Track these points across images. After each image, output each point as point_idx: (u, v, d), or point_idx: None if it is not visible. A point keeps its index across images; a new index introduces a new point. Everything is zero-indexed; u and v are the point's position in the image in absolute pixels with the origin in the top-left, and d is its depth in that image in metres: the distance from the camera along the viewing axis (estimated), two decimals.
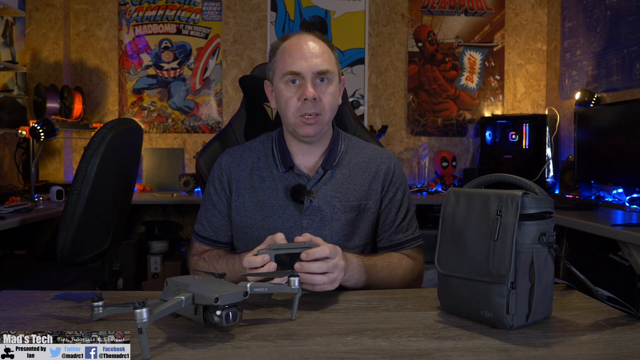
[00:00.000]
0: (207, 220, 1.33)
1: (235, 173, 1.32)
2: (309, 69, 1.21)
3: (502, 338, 0.84)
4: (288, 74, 1.22)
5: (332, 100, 1.24)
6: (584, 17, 3.34)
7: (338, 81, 1.28)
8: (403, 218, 1.33)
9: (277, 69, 1.25)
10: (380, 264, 1.22)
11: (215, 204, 1.32)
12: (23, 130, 2.78)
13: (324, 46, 1.25)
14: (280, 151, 1.30)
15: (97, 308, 0.88)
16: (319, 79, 1.22)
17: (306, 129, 1.23)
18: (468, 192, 0.95)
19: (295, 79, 1.22)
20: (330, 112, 1.25)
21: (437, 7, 3.83)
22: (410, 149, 3.86)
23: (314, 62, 1.21)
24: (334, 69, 1.25)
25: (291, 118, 1.23)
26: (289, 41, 1.25)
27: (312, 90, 1.20)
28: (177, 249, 3.66)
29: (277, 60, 1.25)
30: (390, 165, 1.34)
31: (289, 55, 1.22)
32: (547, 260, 0.90)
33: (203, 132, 3.75)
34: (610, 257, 2.22)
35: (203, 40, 3.74)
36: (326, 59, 1.23)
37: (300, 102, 1.21)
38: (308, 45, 1.22)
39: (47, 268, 2.28)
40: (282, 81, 1.23)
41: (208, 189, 1.35)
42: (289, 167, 1.29)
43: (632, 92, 2.85)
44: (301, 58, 1.21)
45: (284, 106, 1.24)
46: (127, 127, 1.91)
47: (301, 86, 1.22)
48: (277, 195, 1.28)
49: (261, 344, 0.81)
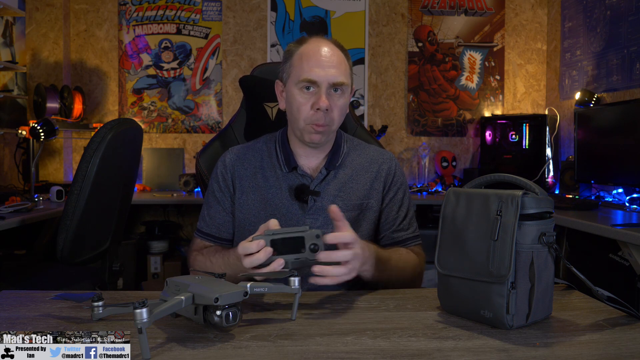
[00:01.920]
0: (210, 217, 1.33)
1: (239, 171, 1.33)
2: (326, 78, 1.21)
3: (502, 338, 0.84)
4: (304, 81, 1.22)
5: (342, 112, 1.26)
6: (584, 17, 3.34)
7: (350, 92, 1.29)
8: (404, 217, 1.35)
9: (292, 73, 1.25)
10: (394, 256, 1.22)
11: (219, 200, 1.33)
12: (23, 130, 2.78)
13: (341, 56, 1.25)
14: (284, 152, 1.31)
15: (97, 308, 0.89)
16: (333, 89, 1.23)
17: (313, 137, 1.25)
18: (468, 192, 0.96)
19: (310, 87, 1.22)
20: (338, 122, 1.27)
21: (437, 7, 3.83)
22: (410, 149, 3.86)
23: (331, 72, 1.21)
24: (348, 81, 1.25)
25: (301, 124, 1.24)
26: (307, 46, 1.24)
27: (326, 101, 1.20)
28: (177, 249, 3.65)
29: (293, 64, 1.25)
30: (392, 165, 1.37)
31: (306, 61, 1.22)
32: (547, 260, 0.90)
33: (203, 132, 3.75)
34: (610, 257, 2.21)
35: (203, 40, 3.74)
36: (342, 71, 1.23)
37: (312, 110, 1.22)
38: (326, 54, 1.22)
39: (47, 268, 2.28)
40: (297, 87, 1.23)
41: (212, 186, 1.35)
42: (292, 168, 1.30)
43: (632, 92, 2.85)
44: (318, 66, 1.21)
45: (295, 111, 1.25)
46: (127, 127, 1.91)
47: (315, 94, 1.22)
48: (281, 194, 1.29)
49: (261, 344, 0.81)
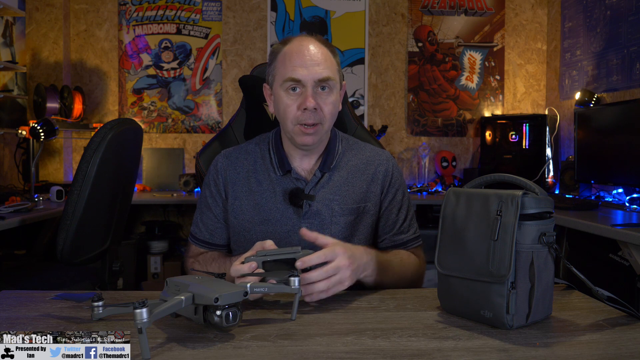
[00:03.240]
0: (202, 223, 1.32)
1: (232, 176, 1.30)
2: (310, 77, 1.17)
3: (502, 338, 0.84)
4: (289, 80, 1.18)
5: (332, 109, 1.22)
6: (584, 17, 3.34)
7: (339, 88, 1.25)
8: (404, 219, 1.32)
9: (277, 75, 1.22)
10: (395, 260, 1.21)
11: (211, 206, 1.31)
12: (23, 130, 2.78)
13: (326, 52, 1.21)
14: (277, 154, 1.29)
15: (97, 308, 0.89)
16: (320, 87, 1.19)
17: (304, 139, 1.21)
18: (468, 192, 0.95)
19: (296, 87, 1.19)
20: (330, 120, 1.23)
21: (437, 7, 3.83)
22: (410, 149, 3.86)
23: (316, 70, 1.17)
24: (335, 76, 1.21)
25: (290, 126, 1.21)
26: (290, 45, 1.21)
27: (312, 100, 1.17)
28: (177, 249, 3.66)
29: (277, 66, 1.22)
30: (389, 167, 1.33)
31: (289, 61, 1.18)
32: (547, 260, 0.90)
33: (203, 132, 3.75)
34: (610, 257, 2.21)
35: (203, 40, 3.74)
36: (328, 66, 1.19)
37: (299, 111, 1.18)
38: (310, 51, 1.18)
39: (47, 268, 2.28)
40: (282, 88, 1.20)
41: (204, 192, 1.33)
42: (286, 171, 1.27)
43: (632, 92, 2.85)
44: (302, 65, 1.17)
45: (282, 113, 1.22)
46: (127, 127, 1.91)
47: (301, 94, 1.19)
48: (275, 198, 1.26)
49: (261, 344, 0.81)
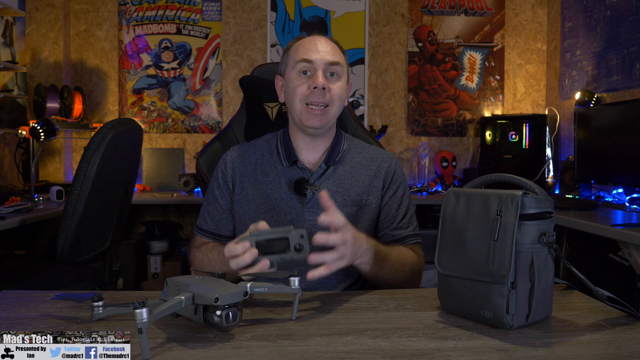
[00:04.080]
0: (209, 214, 1.35)
1: (240, 168, 1.34)
2: (321, 59, 1.26)
3: (502, 338, 0.84)
4: (301, 61, 1.26)
5: (340, 93, 1.29)
6: (584, 17, 3.34)
7: (346, 80, 1.32)
8: (404, 215, 1.35)
9: (289, 61, 1.30)
10: (394, 253, 1.23)
11: (217, 197, 1.35)
12: (23, 130, 2.78)
13: (337, 46, 1.32)
14: (285, 146, 1.33)
15: (97, 308, 0.89)
16: (329, 72, 1.27)
17: (312, 120, 1.25)
18: (468, 192, 0.95)
19: (307, 70, 1.26)
20: (338, 103, 1.29)
21: (437, 7, 3.83)
22: (410, 149, 3.86)
23: (326, 54, 1.26)
24: (344, 65, 1.30)
25: (298, 105, 1.26)
26: (304, 39, 1.31)
27: (322, 79, 1.24)
28: (177, 249, 3.65)
29: (290, 54, 1.31)
30: (392, 164, 1.38)
31: (302, 47, 1.28)
32: (547, 260, 0.90)
33: (203, 132, 3.75)
34: (610, 257, 2.21)
35: (203, 40, 3.74)
36: (337, 54, 1.29)
37: (309, 90, 1.25)
38: (322, 41, 1.29)
39: (47, 268, 2.27)
40: (294, 70, 1.27)
41: (211, 184, 1.38)
42: (292, 162, 1.31)
43: (632, 92, 2.85)
44: (314, 50, 1.27)
45: (291, 93, 1.27)
46: (127, 127, 1.91)
47: (312, 77, 1.26)
48: (280, 188, 1.30)
49: (261, 344, 0.81)
